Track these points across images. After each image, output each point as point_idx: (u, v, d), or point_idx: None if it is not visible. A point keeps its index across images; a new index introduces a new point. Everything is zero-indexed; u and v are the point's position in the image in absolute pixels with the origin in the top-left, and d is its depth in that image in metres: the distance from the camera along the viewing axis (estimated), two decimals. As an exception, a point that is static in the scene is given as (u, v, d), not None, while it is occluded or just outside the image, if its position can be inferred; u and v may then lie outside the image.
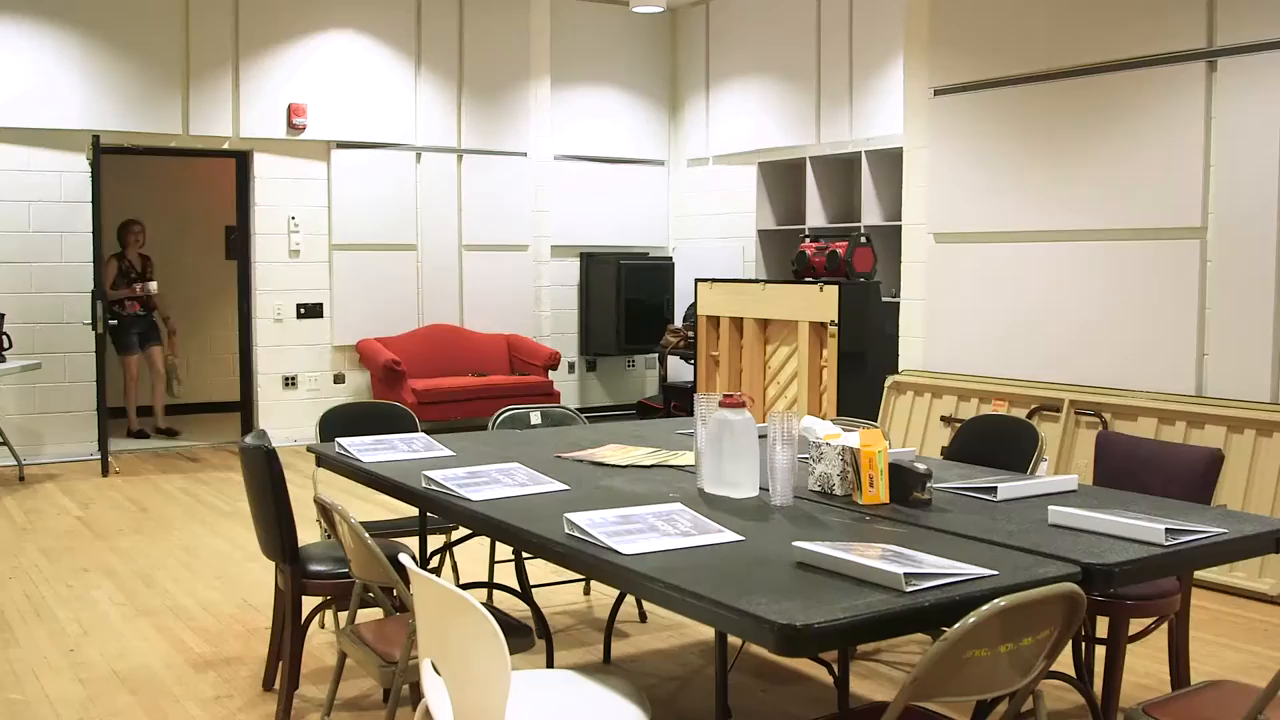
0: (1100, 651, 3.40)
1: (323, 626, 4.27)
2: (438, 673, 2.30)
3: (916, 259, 7.04)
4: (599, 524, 2.57)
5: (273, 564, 3.61)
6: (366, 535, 2.84)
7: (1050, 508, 2.75)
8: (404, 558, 2.46)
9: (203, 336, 10.41)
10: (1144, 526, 2.55)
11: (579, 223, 10.00)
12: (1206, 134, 5.54)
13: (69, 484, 7.26)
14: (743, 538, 2.52)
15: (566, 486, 3.11)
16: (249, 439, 3.46)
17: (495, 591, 4.23)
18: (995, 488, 3.01)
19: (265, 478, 3.36)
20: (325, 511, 3.09)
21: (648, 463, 3.48)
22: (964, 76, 6.66)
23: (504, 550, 4.39)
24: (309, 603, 3.56)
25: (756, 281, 8.26)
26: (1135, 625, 3.36)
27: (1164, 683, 3.61)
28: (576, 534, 2.55)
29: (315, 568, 3.49)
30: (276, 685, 3.69)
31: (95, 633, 4.42)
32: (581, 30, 10.00)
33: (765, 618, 1.99)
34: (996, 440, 3.96)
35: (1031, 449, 3.83)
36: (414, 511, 3.76)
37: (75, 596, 4.88)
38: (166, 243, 10.10)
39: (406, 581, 2.89)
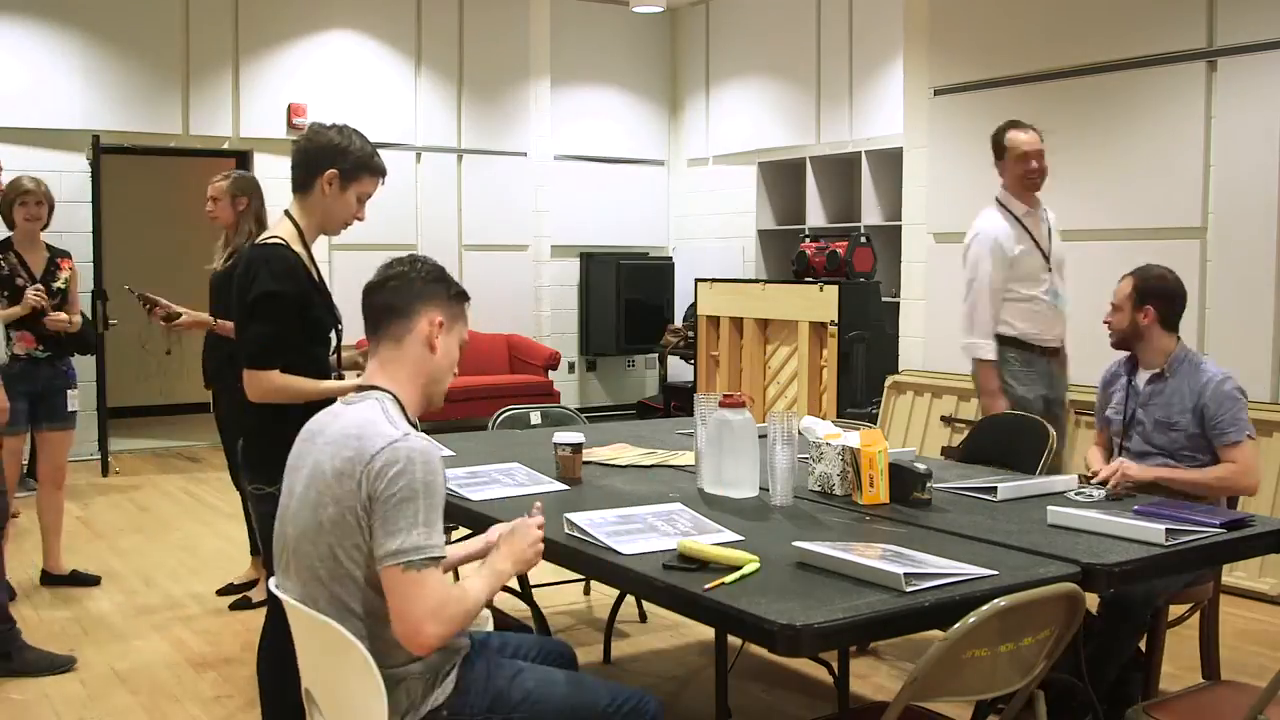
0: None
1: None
2: (315, 703, 2.27)
3: (916, 259, 7.03)
4: (599, 524, 2.57)
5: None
6: None
7: (1049, 508, 2.75)
8: (272, 583, 2.32)
9: (202, 336, 10.39)
10: (1144, 527, 2.55)
11: (579, 223, 9.99)
12: (1206, 134, 5.54)
13: (69, 484, 7.25)
14: (742, 537, 2.52)
15: (566, 486, 3.11)
16: None
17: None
18: (995, 488, 3.02)
19: None
20: None
21: (648, 463, 3.48)
22: (964, 76, 6.65)
23: (504, 550, 4.38)
24: None
25: (756, 281, 8.26)
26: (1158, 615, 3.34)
27: (1175, 677, 3.61)
28: (576, 534, 2.55)
29: None
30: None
31: (95, 633, 4.42)
32: (581, 30, 10.00)
33: (765, 618, 2.00)
34: (1008, 439, 3.97)
35: (1042, 447, 3.84)
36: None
37: (75, 596, 4.88)
38: (166, 243, 10.09)
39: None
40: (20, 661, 3.97)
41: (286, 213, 3.04)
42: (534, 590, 4.28)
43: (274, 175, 8.63)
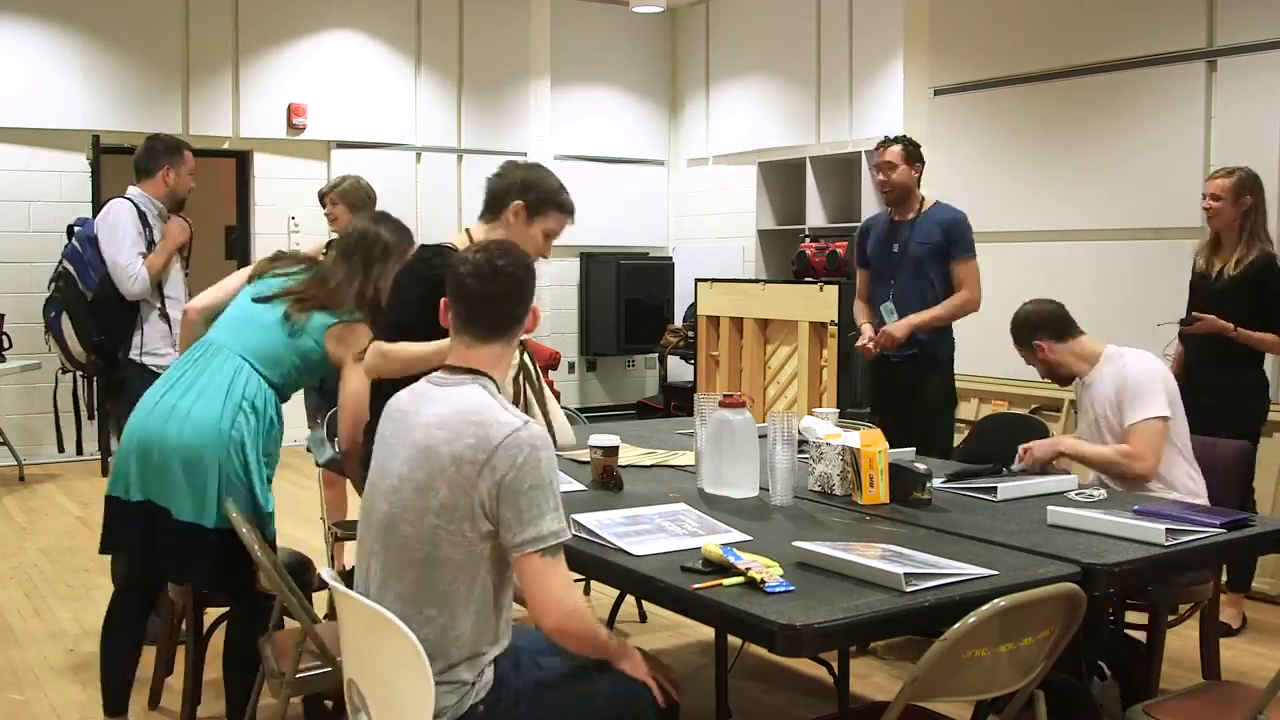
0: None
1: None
2: (361, 694, 2.29)
3: (916, 259, 7.02)
4: (607, 525, 2.57)
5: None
6: (265, 548, 2.78)
7: (1049, 508, 2.75)
8: (326, 573, 2.40)
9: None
10: (1144, 526, 2.56)
11: (579, 223, 9.86)
12: (1206, 134, 5.54)
13: (69, 484, 7.25)
14: (750, 538, 2.51)
15: (584, 488, 3.09)
16: None
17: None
18: (995, 488, 3.02)
19: None
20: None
21: (648, 463, 3.48)
22: (964, 76, 6.65)
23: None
24: (211, 613, 3.45)
25: (756, 281, 8.26)
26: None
27: (1175, 678, 3.61)
28: (584, 535, 2.55)
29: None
30: (163, 703, 3.65)
31: (95, 633, 4.40)
32: (581, 30, 9.99)
33: (765, 618, 2.00)
34: (1008, 438, 3.97)
35: None
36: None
37: (75, 596, 4.88)
38: (166, 243, 10.09)
39: (308, 595, 2.86)
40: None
41: (468, 231, 3.13)
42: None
43: (273, 175, 8.69)
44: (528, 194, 3.05)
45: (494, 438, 2.14)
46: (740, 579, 2.17)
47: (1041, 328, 3.68)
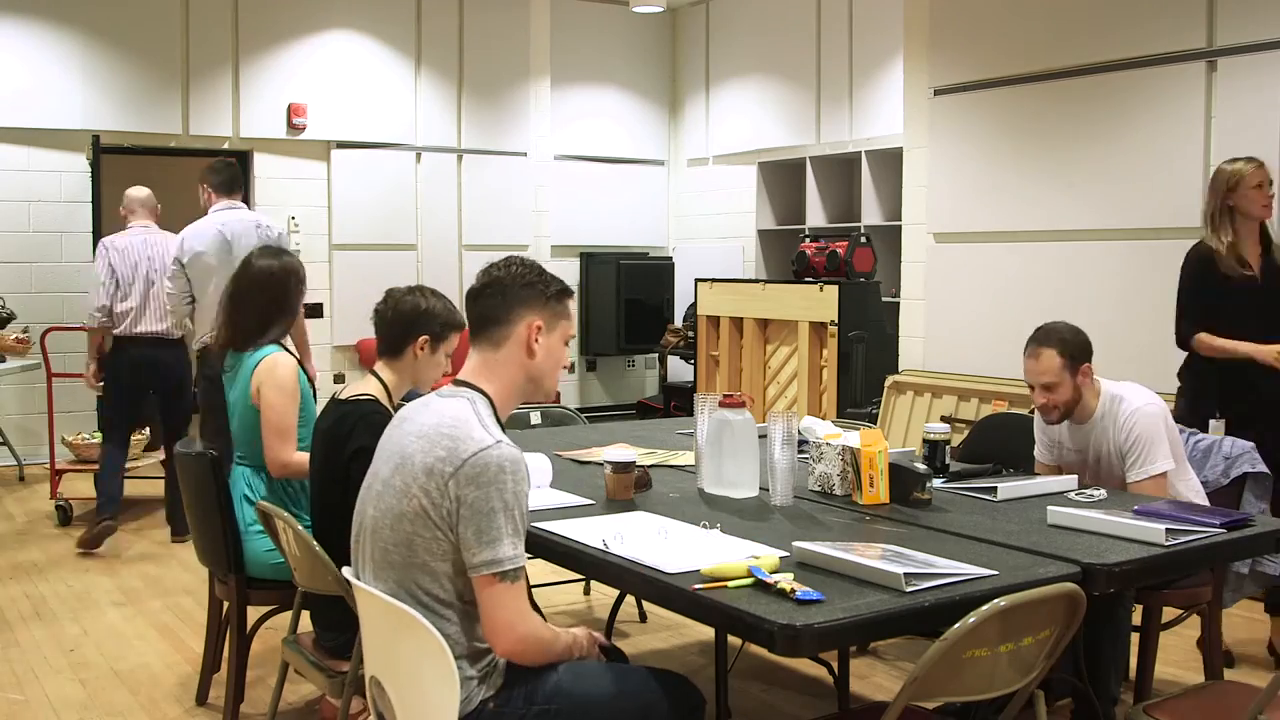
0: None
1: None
2: (382, 689, 2.29)
3: (916, 259, 7.03)
4: (627, 539, 2.56)
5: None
6: (314, 543, 2.79)
7: (1049, 508, 2.75)
8: (347, 571, 2.41)
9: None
10: (1144, 526, 2.56)
11: (579, 223, 9.99)
12: (1206, 134, 5.53)
13: (69, 484, 7.25)
14: (787, 553, 2.41)
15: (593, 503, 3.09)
16: (185, 447, 3.42)
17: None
18: (995, 488, 3.02)
19: (210, 486, 3.28)
20: (267, 518, 3.01)
21: (648, 463, 3.48)
22: (964, 76, 6.65)
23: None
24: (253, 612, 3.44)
25: (756, 281, 8.26)
26: (1163, 615, 3.33)
27: (1175, 678, 3.61)
28: (611, 555, 2.54)
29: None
30: (210, 699, 3.66)
31: (95, 633, 4.41)
32: (581, 30, 9.99)
33: (765, 618, 2.00)
34: (1008, 438, 3.97)
35: None
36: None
37: (75, 596, 4.88)
38: (166, 243, 10.07)
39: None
40: None
41: (374, 372, 3.19)
42: (534, 590, 4.28)
43: (273, 175, 8.70)
44: (431, 325, 3.14)
45: (462, 453, 2.15)
46: (749, 580, 2.18)
47: (1088, 351, 3.39)
